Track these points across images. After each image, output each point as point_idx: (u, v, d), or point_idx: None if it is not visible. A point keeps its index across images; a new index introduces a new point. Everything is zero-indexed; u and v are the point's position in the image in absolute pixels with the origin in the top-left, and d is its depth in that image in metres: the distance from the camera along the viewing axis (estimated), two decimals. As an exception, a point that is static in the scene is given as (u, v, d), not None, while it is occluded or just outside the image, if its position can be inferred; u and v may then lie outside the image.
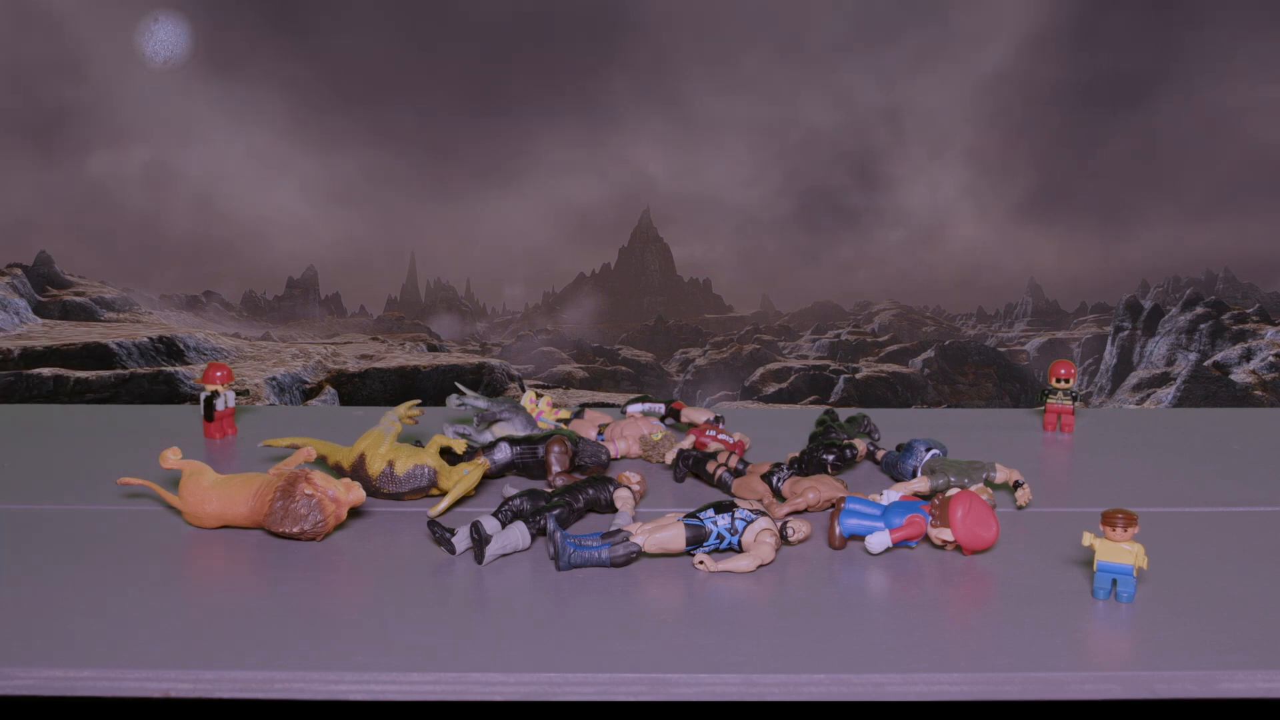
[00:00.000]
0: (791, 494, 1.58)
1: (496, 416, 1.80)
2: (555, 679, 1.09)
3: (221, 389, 2.01)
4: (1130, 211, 13.69)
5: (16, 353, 11.11)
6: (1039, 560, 1.41)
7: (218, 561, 1.42)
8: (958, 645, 1.17)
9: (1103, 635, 1.20)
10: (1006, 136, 13.57)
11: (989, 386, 14.10)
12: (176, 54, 11.68)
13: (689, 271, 15.97)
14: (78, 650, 1.14)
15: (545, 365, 14.12)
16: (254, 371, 11.62)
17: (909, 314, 15.55)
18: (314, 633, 1.19)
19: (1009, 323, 15.58)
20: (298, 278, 14.48)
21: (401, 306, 14.98)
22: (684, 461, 1.75)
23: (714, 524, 1.39)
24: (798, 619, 1.23)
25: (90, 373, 11.16)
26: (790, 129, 13.68)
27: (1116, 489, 1.75)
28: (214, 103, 11.93)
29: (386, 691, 1.08)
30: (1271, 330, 12.98)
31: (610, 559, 1.36)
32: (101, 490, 1.67)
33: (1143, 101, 13.20)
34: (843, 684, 1.09)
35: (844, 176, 13.59)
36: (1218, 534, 1.52)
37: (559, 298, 15.39)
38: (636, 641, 1.17)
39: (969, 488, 1.57)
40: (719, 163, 13.82)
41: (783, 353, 14.56)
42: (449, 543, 1.41)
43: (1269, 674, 1.10)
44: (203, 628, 1.20)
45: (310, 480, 1.45)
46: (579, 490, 1.55)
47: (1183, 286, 14.20)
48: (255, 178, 12.55)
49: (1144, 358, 13.87)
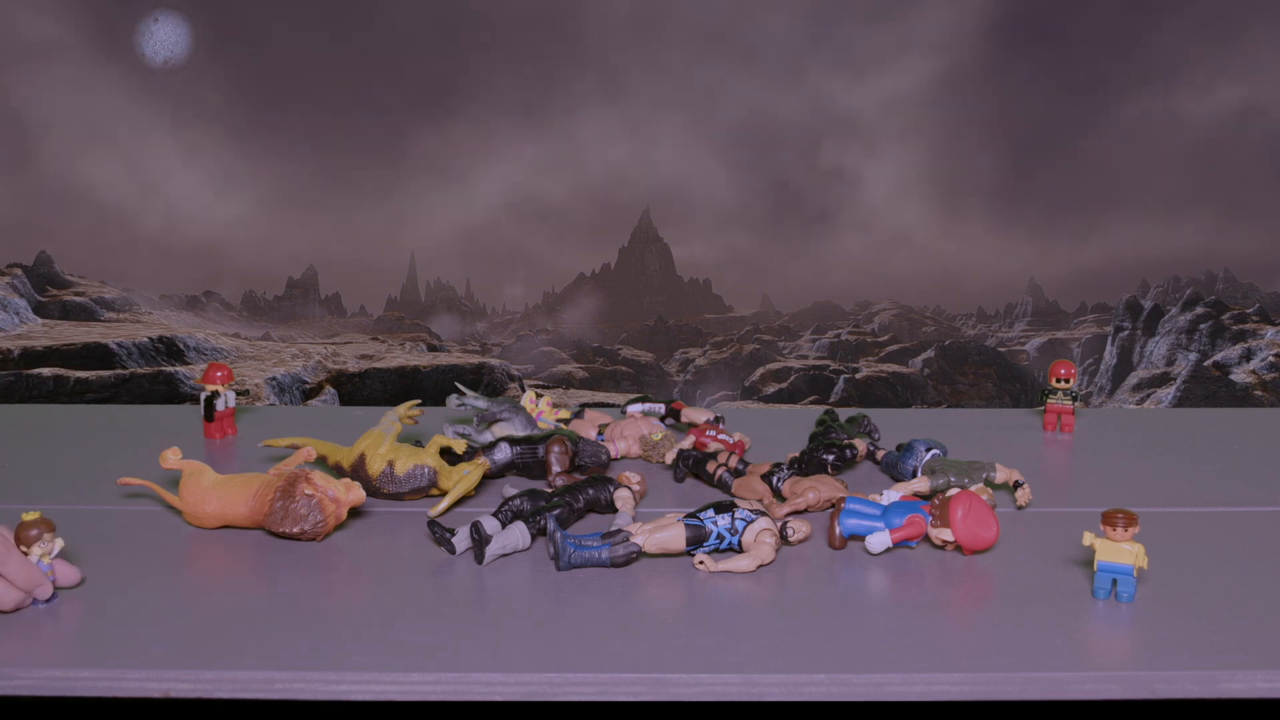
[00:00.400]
0: (791, 494, 1.58)
1: (496, 416, 1.80)
2: (555, 679, 1.09)
3: (222, 389, 2.01)
4: (1099, 210, 13.69)
5: (16, 353, 11.10)
6: (1039, 560, 1.41)
7: (218, 561, 1.42)
8: (958, 645, 1.17)
9: (1103, 635, 1.20)
10: (973, 133, 13.58)
11: (989, 386, 14.10)
12: (176, 54, 11.68)
13: (689, 271, 15.98)
14: (78, 650, 1.14)
15: (545, 365, 14.12)
16: (254, 371, 11.62)
17: (909, 314, 15.55)
18: (314, 633, 1.19)
19: (1009, 323, 15.58)
20: (298, 278, 14.48)
21: (401, 306, 14.97)
22: (684, 461, 1.75)
23: (714, 524, 1.39)
24: (798, 619, 1.24)
25: (90, 373, 11.16)
26: (752, 124, 13.67)
27: (1116, 489, 1.75)
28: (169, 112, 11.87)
29: (386, 691, 1.08)
30: (1271, 330, 12.98)
31: (610, 559, 1.36)
32: (101, 490, 1.67)
33: (1106, 99, 13.21)
34: (843, 684, 1.09)
35: (803, 172, 13.58)
36: (1218, 534, 1.52)
37: (559, 298, 15.39)
38: (636, 641, 1.17)
39: (969, 488, 1.57)
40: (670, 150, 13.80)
41: (783, 353, 14.56)
42: (449, 543, 1.41)
43: (1269, 674, 1.10)
44: (203, 628, 1.20)
45: (310, 480, 1.45)
46: (579, 490, 1.55)
47: (1183, 286, 14.21)
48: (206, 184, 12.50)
49: (1144, 358, 13.87)
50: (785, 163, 13.72)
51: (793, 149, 13.66)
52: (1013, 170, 13.90)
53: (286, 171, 13.05)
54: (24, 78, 13.44)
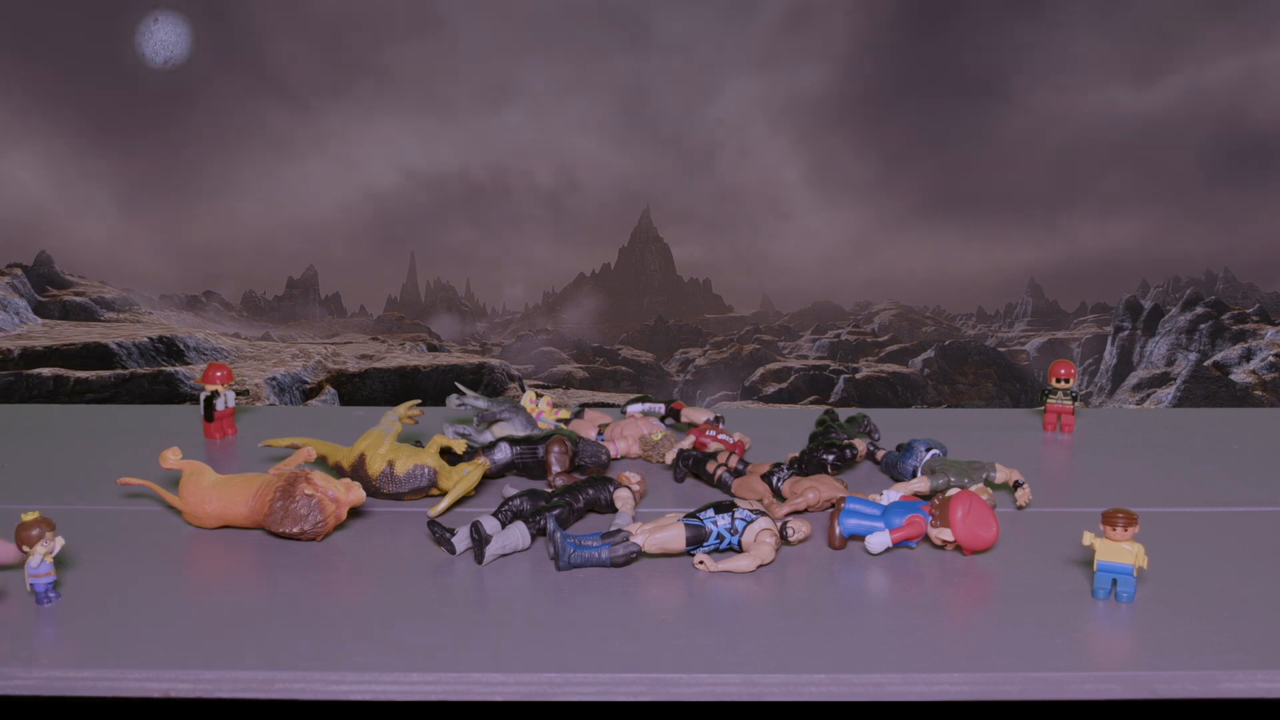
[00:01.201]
0: (791, 494, 1.58)
1: (496, 416, 1.80)
2: (555, 679, 1.09)
3: (222, 389, 2.01)
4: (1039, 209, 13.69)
5: (16, 353, 11.11)
6: (1039, 560, 1.41)
7: (218, 561, 1.42)
8: (958, 645, 1.17)
9: (1103, 635, 1.20)
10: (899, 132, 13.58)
11: (989, 386, 14.11)
12: (176, 54, 11.68)
13: (689, 271, 15.98)
14: (78, 650, 1.14)
15: (545, 365, 14.12)
16: (254, 371, 11.62)
17: (909, 314, 15.56)
18: (314, 633, 1.19)
19: (1009, 323, 15.59)
20: (298, 278, 14.48)
21: (401, 306, 14.98)
22: (684, 461, 1.75)
23: (714, 524, 1.39)
24: (798, 619, 1.23)
25: (90, 373, 11.16)
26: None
27: (1116, 489, 1.75)
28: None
29: (386, 691, 1.08)
30: (1271, 330, 12.99)
31: (610, 559, 1.36)
32: (101, 490, 1.67)
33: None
34: (843, 684, 1.09)
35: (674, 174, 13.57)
36: (1218, 534, 1.52)
37: (559, 298, 15.39)
38: (636, 641, 1.17)
39: (969, 488, 1.57)
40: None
41: (783, 353, 14.57)
42: (449, 543, 1.41)
43: (1269, 674, 1.10)
44: (203, 628, 1.20)
45: (310, 480, 1.45)
46: (579, 490, 1.55)
47: (1183, 286, 14.20)
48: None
49: (1144, 358, 13.87)
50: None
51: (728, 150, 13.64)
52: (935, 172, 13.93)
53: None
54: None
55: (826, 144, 13.99)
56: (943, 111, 13.44)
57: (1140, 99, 13.32)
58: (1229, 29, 12.34)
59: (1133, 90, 13.30)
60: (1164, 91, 13.28)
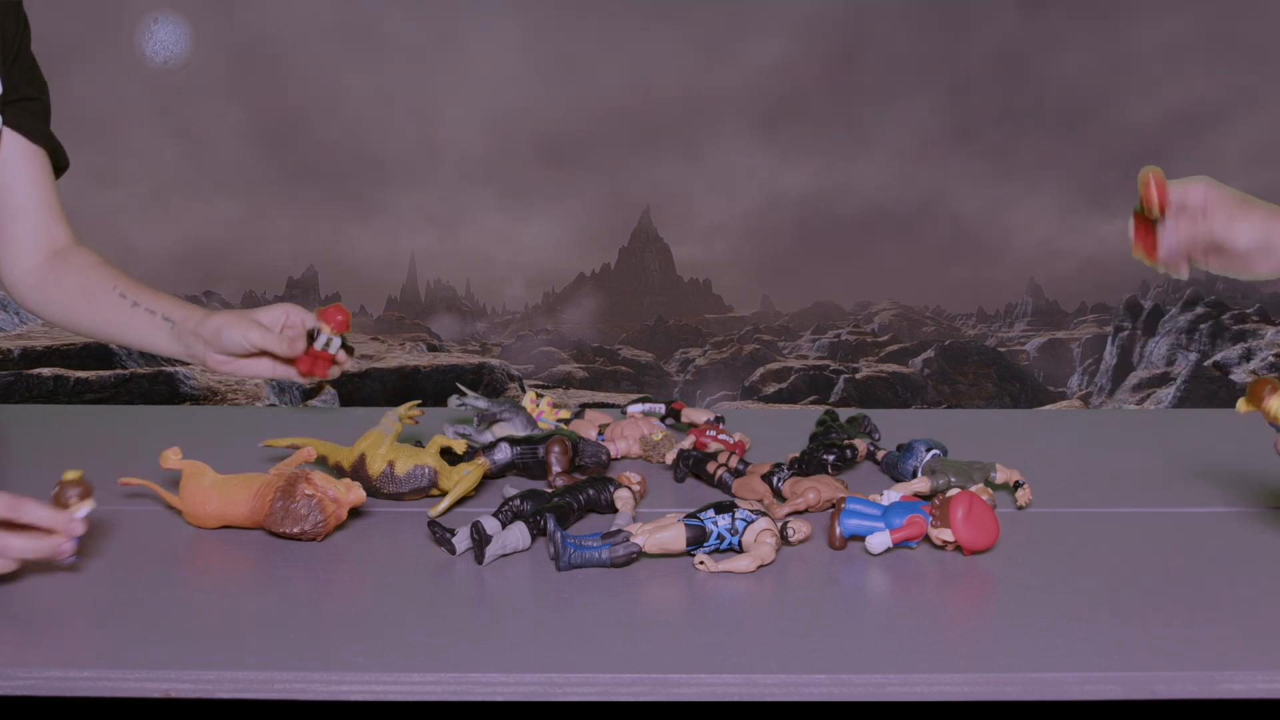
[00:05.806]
0: (792, 494, 1.58)
1: (497, 417, 1.80)
2: (555, 679, 1.09)
3: (329, 332, 1.73)
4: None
5: (16, 353, 11.11)
6: (1039, 560, 1.41)
7: (218, 561, 1.42)
8: (958, 645, 1.17)
9: (1103, 635, 1.20)
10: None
11: (989, 386, 14.11)
12: (177, 54, 11.68)
13: (689, 271, 15.99)
14: (78, 650, 1.14)
15: (545, 365, 14.12)
16: (254, 371, 11.60)
17: (909, 314, 15.56)
18: (314, 633, 1.19)
19: (1009, 323, 15.59)
20: (298, 278, 14.48)
21: (401, 306, 14.98)
22: (684, 462, 1.75)
23: (714, 524, 1.39)
24: (798, 619, 1.24)
25: (90, 373, 11.16)
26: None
27: (1117, 489, 1.75)
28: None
29: (387, 691, 1.08)
30: (1271, 330, 12.99)
31: (610, 559, 1.36)
32: (101, 490, 1.67)
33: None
34: (843, 684, 1.09)
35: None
36: (1218, 534, 1.52)
37: (559, 298, 15.39)
38: (636, 641, 1.17)
39: (969, 488, 1.57)
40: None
41: (783, 353, 14.57)
42: (449, 543, 1.41)
43: (1269, 674, 1.10)
44: (203, 628, 1.20)
45: (310, 480, 1.45)
46: (579, 490, 1.55)
47: (1183, 286, 14.20)
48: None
49: (1144, 358, 13.87)
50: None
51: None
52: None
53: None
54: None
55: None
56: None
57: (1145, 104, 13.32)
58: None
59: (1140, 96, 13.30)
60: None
